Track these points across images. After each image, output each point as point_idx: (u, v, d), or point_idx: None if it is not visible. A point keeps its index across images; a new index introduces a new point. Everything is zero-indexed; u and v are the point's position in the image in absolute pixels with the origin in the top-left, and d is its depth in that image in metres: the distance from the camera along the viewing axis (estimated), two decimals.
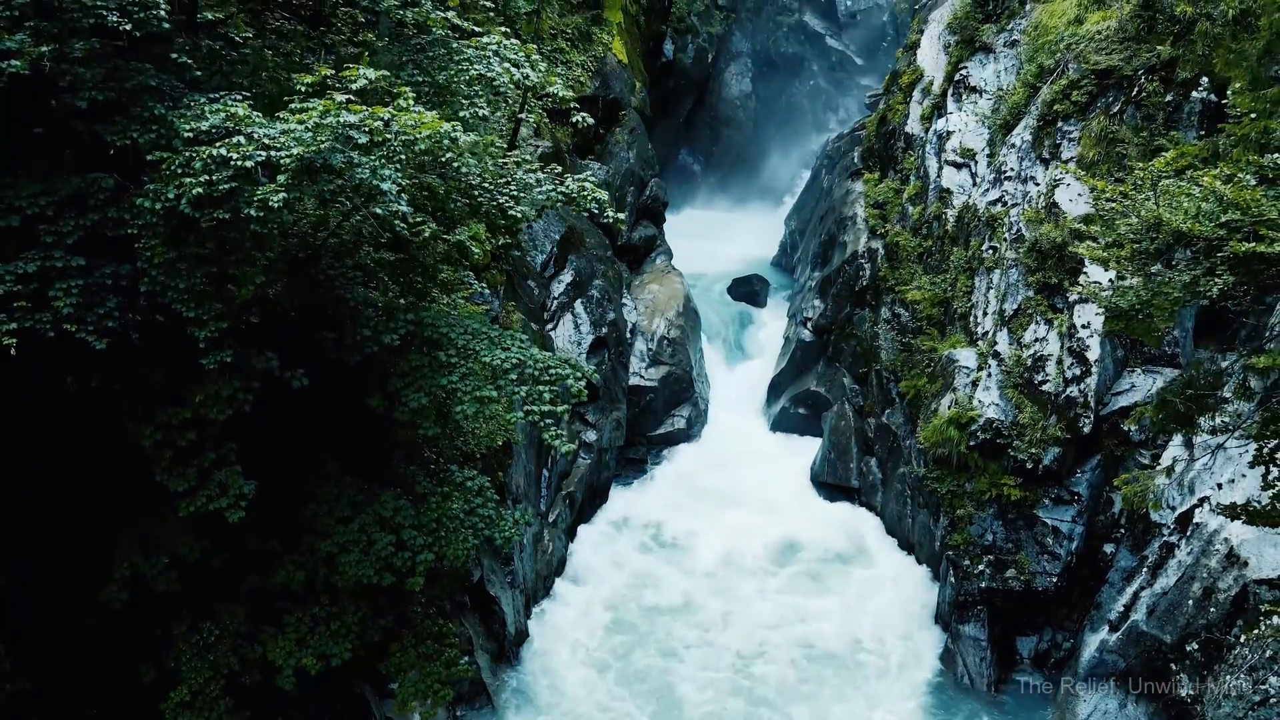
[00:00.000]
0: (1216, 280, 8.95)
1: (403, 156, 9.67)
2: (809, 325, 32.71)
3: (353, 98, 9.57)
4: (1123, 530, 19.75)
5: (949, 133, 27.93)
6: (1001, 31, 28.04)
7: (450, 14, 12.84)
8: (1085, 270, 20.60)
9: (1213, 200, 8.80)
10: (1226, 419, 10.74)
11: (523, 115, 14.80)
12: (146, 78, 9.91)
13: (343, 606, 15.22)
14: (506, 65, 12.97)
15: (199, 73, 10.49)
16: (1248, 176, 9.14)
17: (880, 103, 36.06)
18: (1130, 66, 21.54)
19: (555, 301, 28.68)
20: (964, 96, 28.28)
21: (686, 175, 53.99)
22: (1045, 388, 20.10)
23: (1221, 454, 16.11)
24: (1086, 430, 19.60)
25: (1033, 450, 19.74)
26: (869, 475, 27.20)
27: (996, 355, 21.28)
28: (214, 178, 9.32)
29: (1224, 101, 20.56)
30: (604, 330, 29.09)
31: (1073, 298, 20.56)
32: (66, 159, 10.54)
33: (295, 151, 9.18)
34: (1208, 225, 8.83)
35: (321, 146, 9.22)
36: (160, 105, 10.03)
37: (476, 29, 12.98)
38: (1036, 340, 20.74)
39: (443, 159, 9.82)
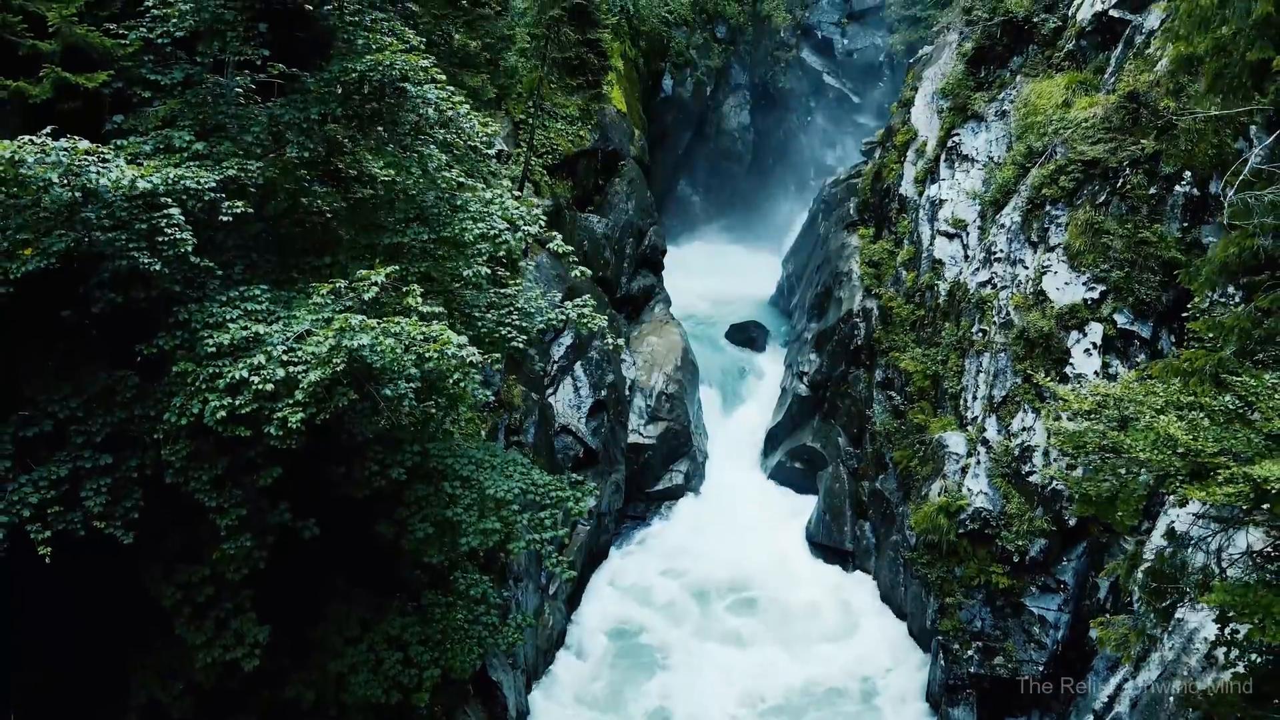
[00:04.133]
0: (1178, 486, 9.55)
1: (412, 370, 10.23)
2: (805, 380, 33.25)
3: (365, 318, 10.11)
4: (1108, 616, 20.29)
5: (941, 201, 28.46)
6: (992, 101, 28.56)
7: (455, 170, 13.39)
8: (1072, 360, 21.22)
9: (1166, 440, 9.39)
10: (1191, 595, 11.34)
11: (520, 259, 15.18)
12: (171, 284, 10.47)
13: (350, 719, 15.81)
14: (508, 214, 13.52)
15: (220, 272, 11.04)
16: (1202, 417, 9.73)
17: (876, 152, 36.59)
18: (1115, 158, 22.06)
19: (555, 365, 29.16)
20: (956, 164, 28.82)
21: (685, 206, 54.55)
22: (1032, 479, 20.66)
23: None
24: (1072, 523, 20.15)
25: (1020, 542, 20.30)
26: (863, 540, 27.76)
27: (985, 442, 21.84)
28: (237, 400, 9.91)
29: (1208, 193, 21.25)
30: (603, 393, 29.60)
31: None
32: (92, 339, 11.10)
33: (313, 377, 9.75)
34: (1165, 453, 9.42)
35: (337, 369, 9.80)
36: (184, 310, 10.61)
37: (479, 185, 13.51)
38: (1024, 429, 21.30)
39: (450, 378, 10.38)
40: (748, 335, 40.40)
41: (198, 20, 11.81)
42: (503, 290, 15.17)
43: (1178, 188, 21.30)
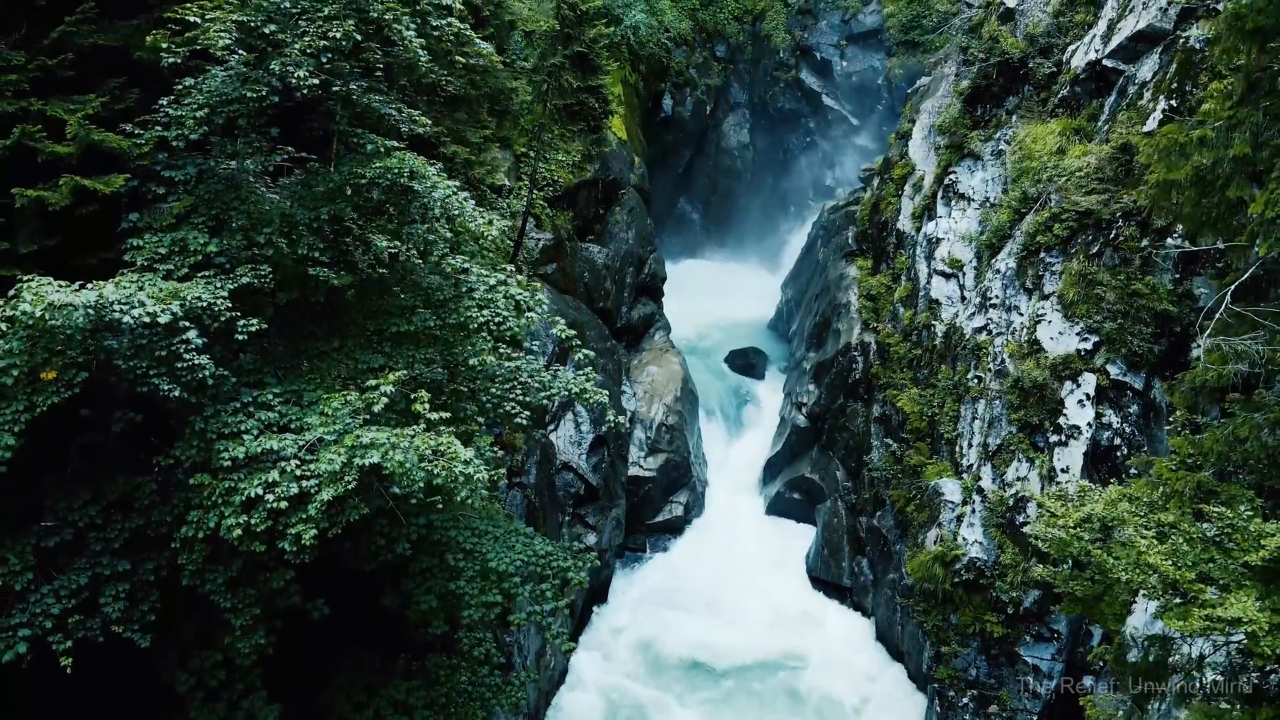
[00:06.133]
0: (1157, 600, 9.92)
1: (419, 485, 10.58)
2: (803, 411, 33.57)
3: (375, 435, 10.46)
4: (1102, 663, 20.65)
5: (938, 239, 28.78)
6: (989, 140, 28.87)
7: (459, 258, 13.74)
8: (1065, 411, 21.58)
9: (1146, 566, 9.76)
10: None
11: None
12: (186, 393, 10.81)
13: None
14: (510, 298, 13.88)
15: (233, 379, 11.40)
16: (1181, 542, 10.09)
17: (874, 181, 36.92)
18: (1108, 210, 22.38)
19: (556, 402, 29.47)
20: (953, 202, 29.16)
21: (685, 223, 54.90)
22: (1026, 529, 20.97)
23: None
24: (1068, 557, 20.48)
25: (1013, 594, 20.66)
26: (860, 576, 28.12)
27: (980, 491, 22.18)
28: (251, 519, 10.27)
29: (1197, 248, 21.56)
30: (604, 428, 29.89)
31: (1053, 439, 21.47)
32: (112, 438, 11.44)
33: (325, 496, 10.11)
34: (1146, 574, 9.78)
35: (349, 488, 10.16)
36: (200, 419, 10.97)
37: (484, 272, 13.86)
38: (1018, 479, 21.64)
39: (459, 494, 10.73)
40: (747, 361, 40.75)
41: (211, 127, 12.15)
42: (506, 364, 15.49)
43: (1170, 240, 21.61)
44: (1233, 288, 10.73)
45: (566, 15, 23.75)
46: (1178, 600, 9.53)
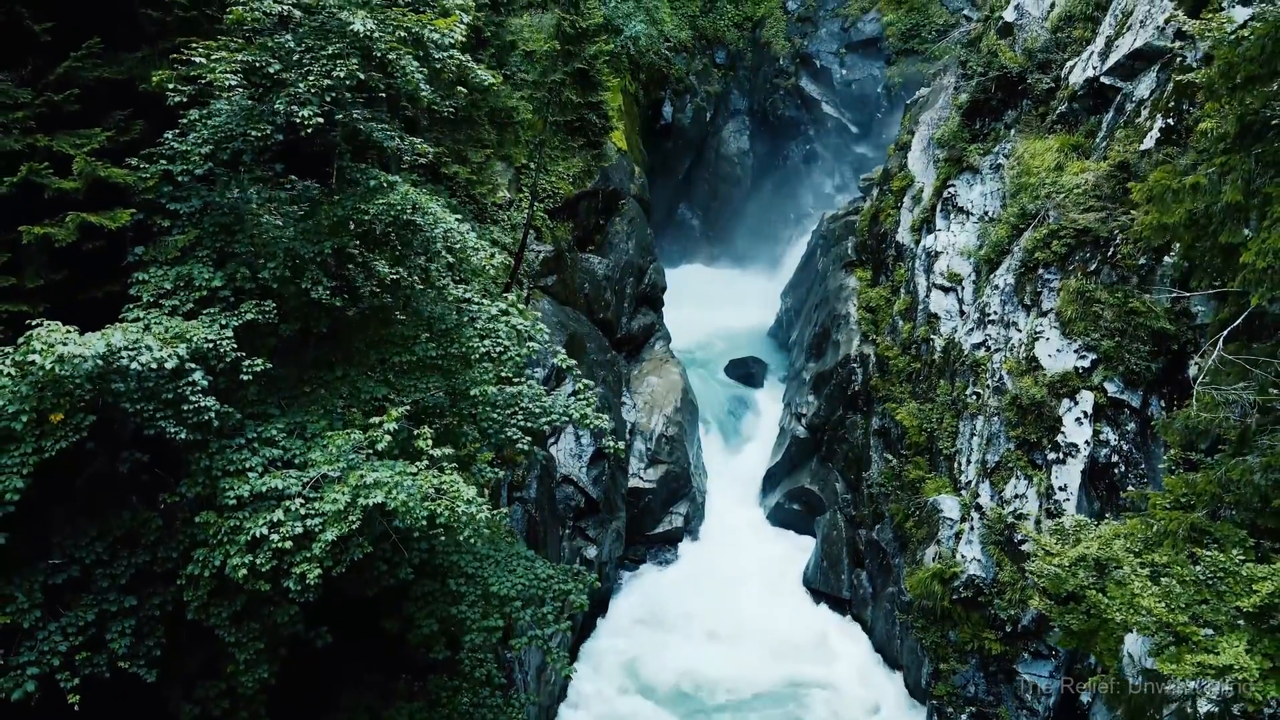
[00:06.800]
0: (1152, 634, 10.08)
1: (423, 522, 10.71)
2: (803, 421, 33.70)
3: (379, 474, 10.60)
4: (1097, 690, 20.76)
5: (937, 253, 28.90)
6: (987, 154, 28.98)
7: (461, 288, 13.87)
8: (1063, 429, 21.69)
9: (1140, 607, 9.90)
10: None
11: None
12: (192, 434, 10.94)
13: None
14: (512, 328, 14.02)
15: (237, 415, 11.52)
16: (1174, 584, 10.22)
17: (874, 191, 37.01)
18: (1106, 228, 22.49)
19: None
20: (952, 215, 29.28)
21: (685, 230, 55.06)
22: (1025, 548, 21.10)
23: None
24: (1064, 593, 20.60)
25: (1011, 611, 20.78)
26: (860, 589, 28.24)
27: (979, 507, 22.30)
28: (257, 559, 10.40)
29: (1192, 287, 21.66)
30: (604, 440, 29.98)
31: (1051, 457, 21.59)
32: (119, 476, 11.57)
33: (329, 535, 10.24)
34: (1140, 616, 9.91)
35: (353, 527, 10.29)
36: (205, 456, 11.10)
37: (485, 301, 13.99)
38: (1016, 496, 21.76)
39: (461, 533, 10.86)
40: (747, 370, 40.88)
41: (215, 161, 12.28)
42: (508, 389, 15.60)
43: (1167, 258, 21.70)
44: (1224, 333, 10.85)
45: (567, 32, 23.85)
46: (1171, 640, 9.67)
